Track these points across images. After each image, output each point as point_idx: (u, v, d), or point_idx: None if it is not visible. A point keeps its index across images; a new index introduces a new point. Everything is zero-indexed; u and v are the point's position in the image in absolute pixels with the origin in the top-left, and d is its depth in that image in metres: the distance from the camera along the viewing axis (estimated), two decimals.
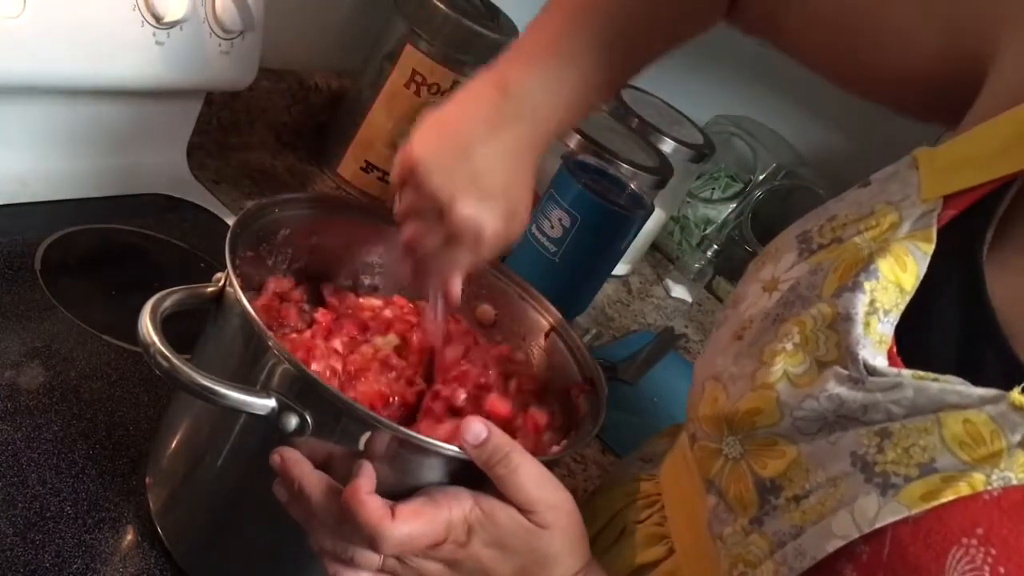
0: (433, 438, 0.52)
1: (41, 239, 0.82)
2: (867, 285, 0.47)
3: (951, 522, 0.42)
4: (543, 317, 0.71)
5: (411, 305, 0.71)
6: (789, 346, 0.49)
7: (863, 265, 0.48)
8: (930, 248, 0.48)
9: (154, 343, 0.50)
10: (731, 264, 1.50)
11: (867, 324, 0.46)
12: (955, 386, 0.43)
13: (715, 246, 1.48)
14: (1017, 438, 0.41)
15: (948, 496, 0.41)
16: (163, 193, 0.97)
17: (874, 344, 0.46)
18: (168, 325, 0.52)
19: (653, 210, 1.12)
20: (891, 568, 0.43)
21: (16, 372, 0.68)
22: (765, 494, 0.49)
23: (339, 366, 0.61)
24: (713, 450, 0.53)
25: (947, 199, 0.49)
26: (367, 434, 0.51)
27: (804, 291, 0.51)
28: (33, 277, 0.78)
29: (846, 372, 0.46)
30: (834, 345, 0.47)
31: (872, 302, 0.47)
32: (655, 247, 1.50)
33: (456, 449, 0.51)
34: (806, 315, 0.49)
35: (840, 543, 0.44)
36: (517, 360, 0.69)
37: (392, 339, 0.66)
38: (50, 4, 0.75)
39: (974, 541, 0.41)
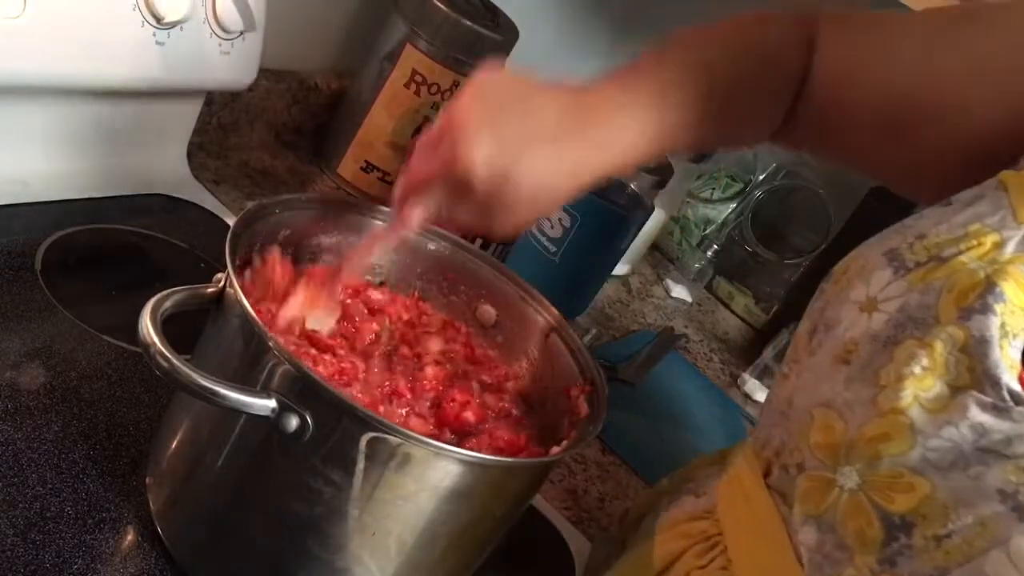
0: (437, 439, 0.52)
1: (41, 239, 0.82)
2: (997, 307, 0.46)
3: None
4: (543, 317, 0.71)
5: (411, 302, 0.71)
6: (917, 369, 0.47)
7: (985, 287, 0.47)
8: None
9: (154, 343, 0.50)
10: (731, 264, 1.50)
11: (1001, 348, 0.46)
12: None
13: (715, 246, 1.48)
14: None
15: None
16: (163, 193, 0.97)
17: (1008, 368, 0.45)
18: (168, 325, 0.52)
19: (653, 210, 1.12)
20: None
21: (16, 372, 0.68)
22: (893, 531, 0.47)
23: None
24: (826, 480, 0.50)
25: None
26: (368, 435, 0.51)
27: (915, 312, 0.49)
28: (33, 277, 0.78)
29: (989, 400, 0.45)
30: (966, 369, 0.46)
31: (1003, 325, 0.46)
32: (655, 247, 1.50)
33: (462, 451, 0.52)
34: (932, 338, 0.47)
35: None
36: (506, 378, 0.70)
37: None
38: (50, 4, 0.75)
39: None
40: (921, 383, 0.47)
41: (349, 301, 0.68)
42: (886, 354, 0.49)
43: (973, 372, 0.46)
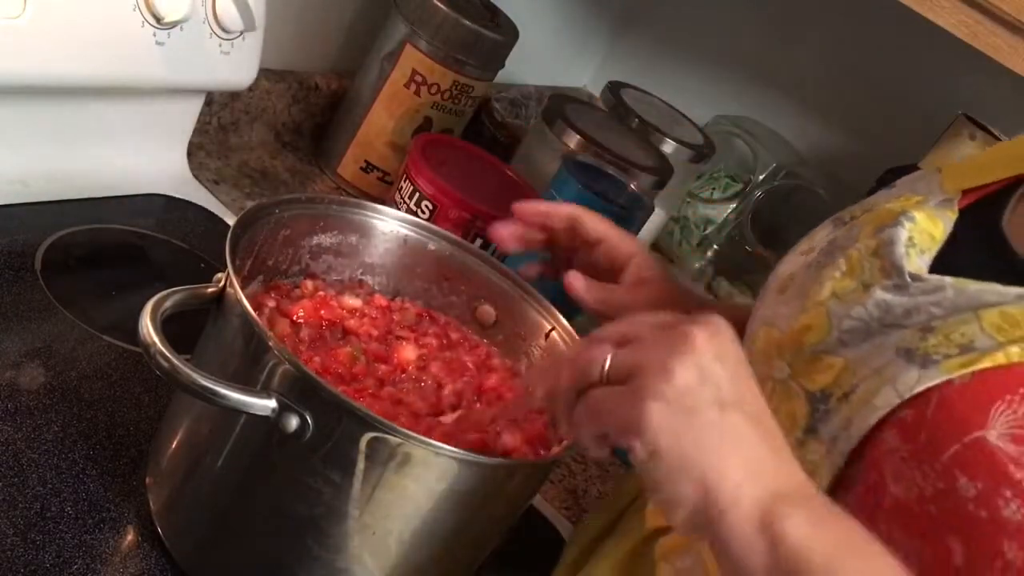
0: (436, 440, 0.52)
1: (41, 239, 0.82)
2: (907, 224, 0.54)
3: (994, 383, 0.46)
4: (543, 317, 0.71)
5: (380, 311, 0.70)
6: (837, 274, 0.56)
7: (900, 214, 0.55)
8: (954, 215, 0.55)
9: (154, 343, 0.50)
10: (731, 264, 1.50)
11: (907, 254, 0.53)
12: (993, 286, 0.49)
13: (715, 246, 1.48)
14: None
15: (986, 363, 0.46)
16: (163, 193, 0.97)
17: (915, 269, 0.52)
18: (168, 325, 0.52)
19: (653, 210, 1.12)
20: (936, 423, 0.47)
21: (16, 372, 0.68)
22: (815, 403, 0.53)
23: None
24: (763, 376, 0.55)
25: (965, 192, 0.57)
26: (368, 435, 0.51)
27: (842, 242, 0.58)
28: (33, 277, 0.78)
29: (891, 282, 0.53)
30: (878, 269, 0.54)
31: (911, 238, 0.54)
32: (655, 247, 1.50)
33: (462, 452, 0.52)
34: (852, 250, 0.56)
35: (883, 412, 0.48)
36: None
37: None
38: (50, 4, 0.75)
39: (1016, 397, 0.45)
40: (840, 283, 0.55)
41: (324, 325, 0.66)
42: (816, 275, 0.57)
43: (883, 271, 0.54)
